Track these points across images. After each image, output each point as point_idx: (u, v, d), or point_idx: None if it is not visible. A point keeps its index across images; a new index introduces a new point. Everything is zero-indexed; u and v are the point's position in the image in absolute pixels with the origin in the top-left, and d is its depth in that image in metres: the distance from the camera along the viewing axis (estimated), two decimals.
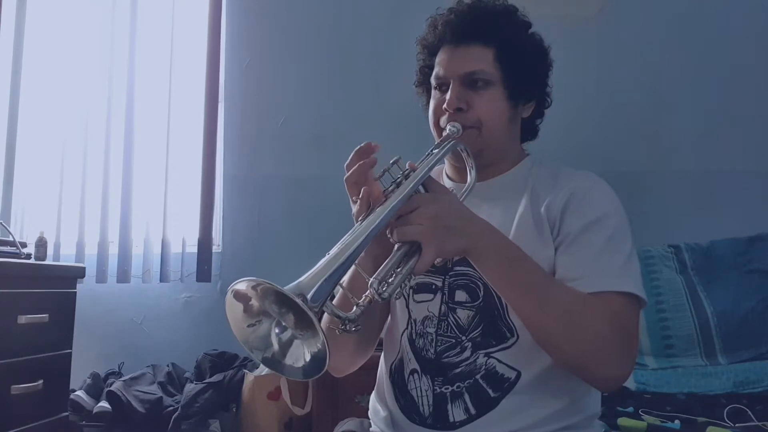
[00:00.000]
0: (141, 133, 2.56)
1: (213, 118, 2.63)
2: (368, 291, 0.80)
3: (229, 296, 0.72)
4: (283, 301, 0.71)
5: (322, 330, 0.67)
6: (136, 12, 2.60)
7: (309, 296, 0.69)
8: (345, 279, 0.99)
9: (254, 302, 0.73)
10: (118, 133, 2.54)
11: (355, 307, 0.79)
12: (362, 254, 0.93)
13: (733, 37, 2.53)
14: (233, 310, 0.73)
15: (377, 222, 0.81)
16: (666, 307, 2.10)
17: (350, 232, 0.81)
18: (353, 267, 0.95)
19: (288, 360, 0.75)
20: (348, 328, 0.77)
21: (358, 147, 0.93)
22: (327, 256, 0.76)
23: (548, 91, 1.14)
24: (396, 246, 0.85)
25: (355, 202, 0.92)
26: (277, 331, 0.75)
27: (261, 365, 2.23)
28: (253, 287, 0.71)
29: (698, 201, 2.47)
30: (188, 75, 2.66)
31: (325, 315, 0.95)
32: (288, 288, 0.68)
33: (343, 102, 2.65)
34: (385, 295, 0.79)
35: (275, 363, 0.75)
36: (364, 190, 0.88)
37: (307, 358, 0.72)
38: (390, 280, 0.81)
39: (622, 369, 0.93)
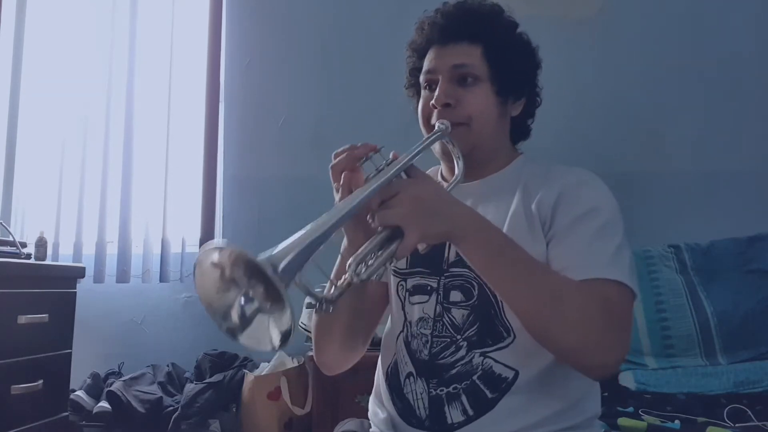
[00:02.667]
0: (141, 133, 2.56)
1: (213, 118, 2.64)
2: (347, 272, 0.80)
3: (202, 257, 0.68)
4: (254, 271, 0.68)
5: (290, 304, 0.65)
6: (136, 12, 2.60)
7: (280, 267, 0.66)
8: (333, 271, 0.99)
9: (226, 270, 0.69)
10: (117, 133, 2.54)
11: (333, 288, 0.79)
12: (346, 245, 0.95)
13: (733, 37, 2.53)
14: (203, 274, 0.70)
15: (356, 201, 0.81)
16: (666, 307, 2.10)
17: (328, 211, 0.79)
18: (340, 258, 0.97)
19: (251, 334, 0.71)
20: (325, 308, 0.76)
21: (354, 144, 0.93)
22: (302, 230, 0.73)
23: (538, 91, 1.14)
24: (378, 230, 0.85)
25: (337, 190, 0.92)
26: (243, 301, 0.71)
27: (261, 365, 2.24)
28: (228, 254, 0.68)
29: (698, 201, 2.47)
30: (188, 75, 2.66)
31: (314, 316, 0.95)
32: (261, 258, 0.66)
33: (342, 102, 2.65)
34: (364, 276, 0.79)
35: (236, 334, 0.72)
36: (345, 175, 0.89)
37: (274, 334, 0.69)
38: (369, 263, 0.81)
39: (614, 355, 0.90)
